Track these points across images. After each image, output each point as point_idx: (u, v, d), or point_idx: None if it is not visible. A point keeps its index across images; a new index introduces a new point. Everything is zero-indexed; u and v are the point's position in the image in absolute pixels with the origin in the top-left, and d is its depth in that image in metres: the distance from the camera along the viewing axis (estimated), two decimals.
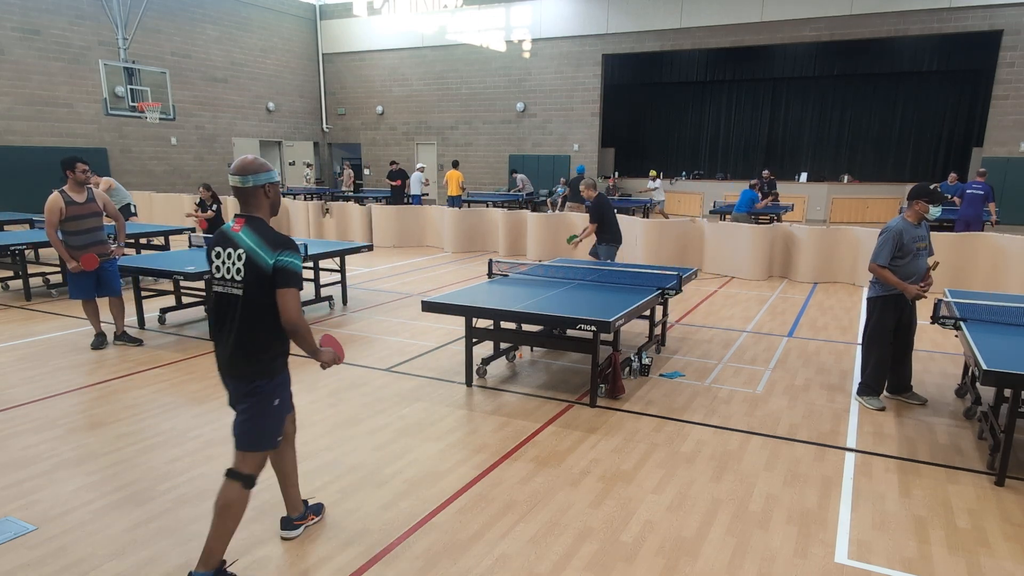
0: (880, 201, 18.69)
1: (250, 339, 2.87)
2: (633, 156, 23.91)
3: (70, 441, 4.49)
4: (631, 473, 4.10)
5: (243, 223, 2.89)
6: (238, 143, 23.24)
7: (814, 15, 18.36)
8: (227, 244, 2.89)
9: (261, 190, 2.92)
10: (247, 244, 2.84)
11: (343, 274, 8.78)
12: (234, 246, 2.86)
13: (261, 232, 2.87)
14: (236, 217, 2.94)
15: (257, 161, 2.93)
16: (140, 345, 6.73)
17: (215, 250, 2.92)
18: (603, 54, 21.28)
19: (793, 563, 3.22)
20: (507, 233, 13.28)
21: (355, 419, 4.90)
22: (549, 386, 5.69)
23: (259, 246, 2.83)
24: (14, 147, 17.29)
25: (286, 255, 2.83)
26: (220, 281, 2.91)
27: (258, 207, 2.93)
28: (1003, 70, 17.08)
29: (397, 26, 24.04)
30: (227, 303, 2.90)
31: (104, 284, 6.57)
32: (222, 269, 2.89)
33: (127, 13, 15.79)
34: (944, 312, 4.94)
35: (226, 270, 2.88)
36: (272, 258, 2.81)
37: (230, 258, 2.87)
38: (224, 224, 10.36)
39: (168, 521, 3.52)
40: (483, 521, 3.55)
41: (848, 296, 9.53)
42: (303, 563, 3.17)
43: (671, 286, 6.09)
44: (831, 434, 4.73)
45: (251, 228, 2.88)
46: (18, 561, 3.17)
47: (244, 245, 2.84)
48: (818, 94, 21.94)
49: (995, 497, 3.87)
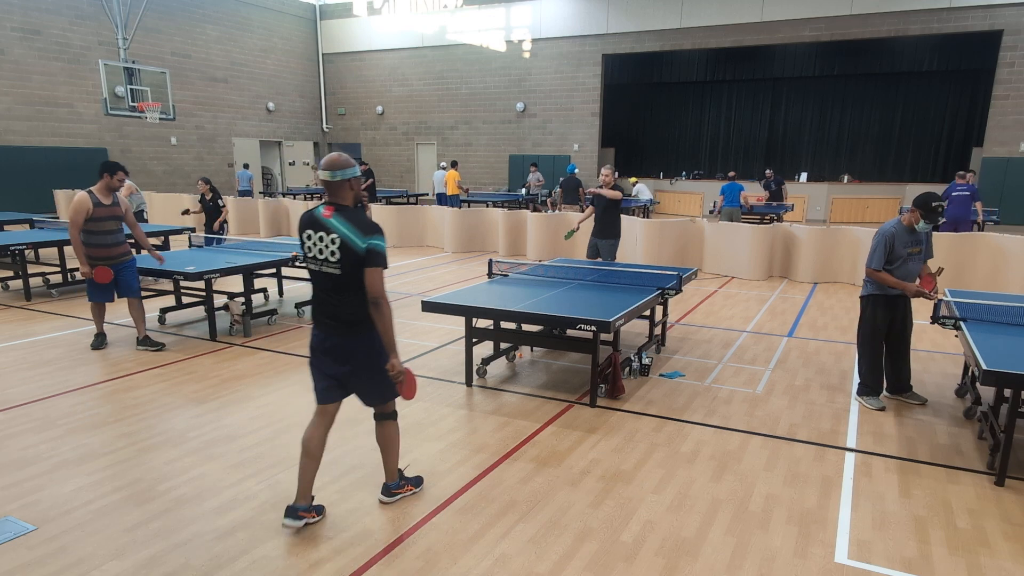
0: (880, 201, 18.69)
1: (351, 310, 3.27)
2: (633, 156, 23.92)
3: (70, 441, 4.49)
4: (631, 473, 4.10)
5: (333, 211, 3.24)
6: (238, 143, 23.24)
7: (814, 15, 18.37)
8: (319, 228, 3.24)
9: (347, 183, 3.26)
10: (341, 230, 3.19)
11: None
12: (327, 231, 3.22)
13: (352, 219, 3.22)
14: (326, 205, 3.27)
15: (343, 158, 3.27)
16: (163, 349, 6.62)
17: (307, 232, 3.29)
18: (603, 54, 21.29)
19: (793, 563, 3.22)
20: (507, 233, 13.28)
21: (355, 419, 4.90)
22: (549, 386, 5.69)
23: (353, 232, 3.19)
24: (14, 147, 17.30)
25: (375, 239, 3.20)
26: (315, 261, 3.29)
27: (344, 197, 3.27)
28: (1003, 70, 17.08)
29: (397, 26, 24.05)
30: (325, 279, 3.29)
31: (123, 285, 6.56)
32: (314, 250, 3.28)
33: (127, 13, 15.79)
34: (944, 312, 4.95)
35: (319, 251, 3.26)
36: (364, 242, 3.18)
37: (322, 241, 3.24)
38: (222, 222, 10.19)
39: (168, 521, 3.52)
40: (483, 521, 3.55)
41: (848, 296, 9.53)
42: (303, 563, 3.17)
43: (671, 286, 6.09)
44: (831, 434, 4.73)
45: (342, 216, 3.23)
46: (18, 561, 3.17)
47: (338, 231, 3.20)
48: (818, 94, 21.95)
49: (995, 497, 3.87)
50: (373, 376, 3.39)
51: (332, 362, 3.37)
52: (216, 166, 22.53)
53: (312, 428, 3.46)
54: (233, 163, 22.83)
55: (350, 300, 3.26)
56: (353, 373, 3.39)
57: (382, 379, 3.38)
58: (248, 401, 5.25)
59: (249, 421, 4.85)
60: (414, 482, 3.83)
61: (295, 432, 4.66)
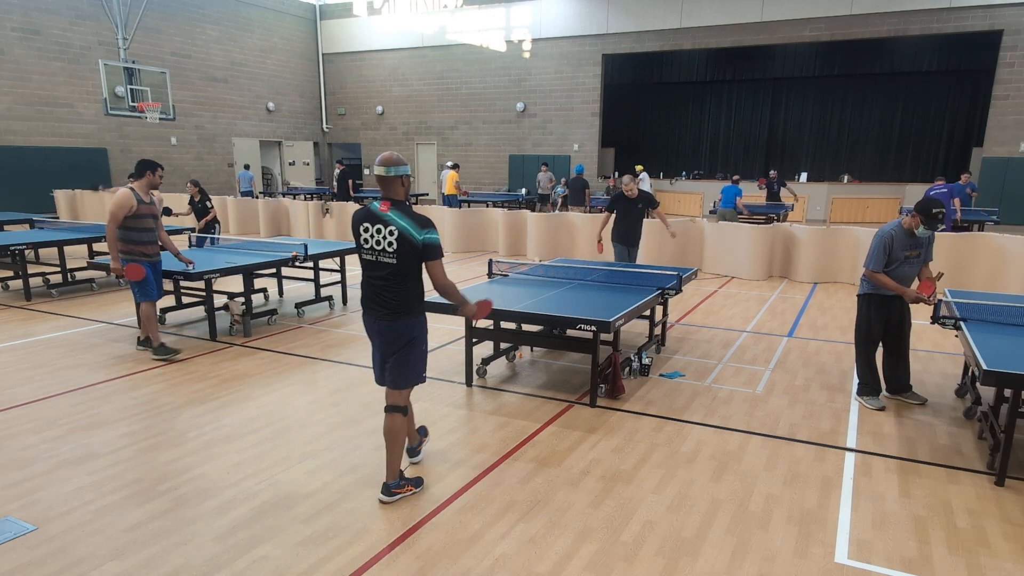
0: (880, 201, 18.69)
1: (402, 297, 3.57)
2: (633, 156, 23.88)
3: (70, 441, 4.49)
4: (631, 473, 4.10)
5: (389, 206, 3.52)
6: (238, 143, 23.24)
7: (814, 15, 18.37)
8: (376, 221, 3.52)
9: (399, 180, 3.55)
10: (400, 224, 3.47)
11: (343, 274, 8.79)
12: (384, 224, 3.49)
13: (408, 214, 3.50)
14: (382, 200, 3.54)
15: (396, 156, 3.55)
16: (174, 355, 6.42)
17: (363, 225, 3.56)
18: (603, 54, 21.28)
19: (793, 563, 3.22)
20: (507, 233, 13.28)
21: (355, 419, 4.90)
22: (549, 386, 5.69)
23: (410, 225, 3.46)
24: (14, 147, 17.29)
25: (431, 233, 3.50)
26: (371, 251, 3.56)
27: (396, 193, 3.55)
28: (1003, 70, 17.08)
29: (397, 26, 24.05)
30: (379, 269, 3.56)
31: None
32: (371, 242, 3.54)
33: (127, 13, 15.79)
34: (944, 312, 4.95)
35: (375, 243, 3.53)
36: (421, 235, 3.47)
37: (380, 233, 3.51)
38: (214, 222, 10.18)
39: (168, 521, 3.52)
40: (483, 521, 3.55)
41: (848, 296, 9.52)
42: (303, 563, 3.17)
43: (671, 286, 6.09)
44: (831, 434, 4.73)
45: (399, 210, 3.51)
46: (18, 561, 3.17)
47: (396, 224, 3.47)
48: (818, 94, 21.95)
49: (995, 497, 3.87)
50: (401, 360, 3.67)
51: (380, 343, 3.69)
52: (216, 166, 22.53)
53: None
54: (233, 163, 22.83)
55: (400, 288, 3.56)
56: (390, 354, 3.67)
57: (409, 366, 3.68)
58: (248, 401, 5.25)
59: (249, 421, 4.85)
60: (414, 482, 3.86)
61: (295, 432, 4.66)
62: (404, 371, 3.68)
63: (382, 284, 3.57)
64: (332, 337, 7.15)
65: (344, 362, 6.27)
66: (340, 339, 7.07)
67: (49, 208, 17.61)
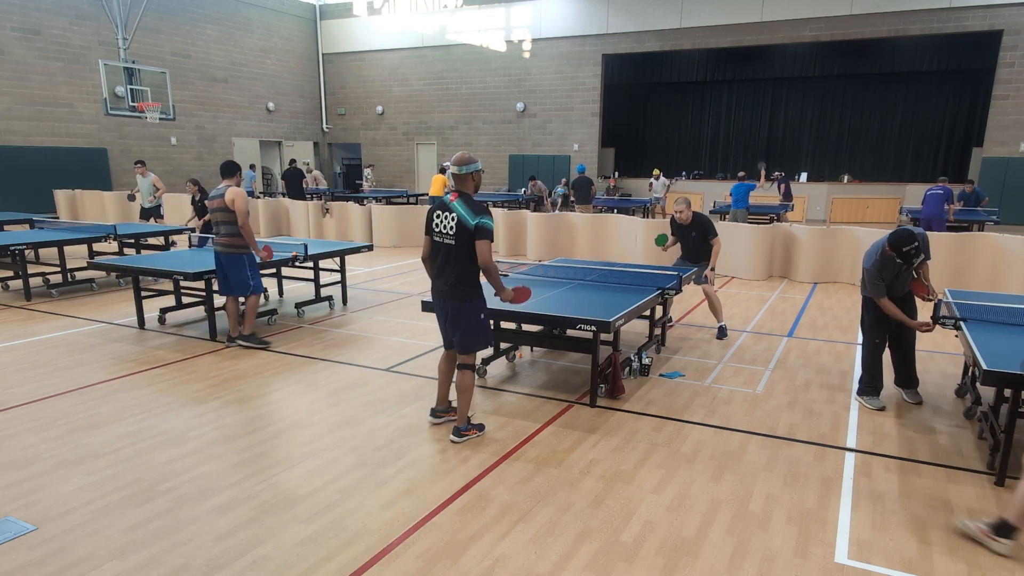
0: (880, 201, 18.69)
1: (460, 272, 4.23)
2: (633, 156, 23.90)
3: (70, 441, 4.49)
4: (631, 473, 4.10)
5: (457, 196, 4.22)
6: (238, 143, 23.25)
7: (814, 15, 18.37)
8: (445, 209, 4.24)
9: (471, 176, 4.27)
10: (459, 211, 4.16)
11: (343, 274, 8.78)
12: (449, 211, 4.21)
13: (469, 203, 4.18)
14: (453, 191, 4.26)
15: (467, 156, 4.28)
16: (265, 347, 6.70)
17: (436, 212, 4.28)
18: (603, 54, 21.28)
19: (793, 563, 3.22)
20: (507, 233, 13.28)
21: (355, 419, 4.90)
22: (549, 386, 5.69)
23: (467, 212, 4.14)
24: (14, 147, 17.29)
25: (484, 218, 4.14)
26: (438, 234, 4.27)
27: (466, 186, 4.27)
28: (1003, 70, 17.08)
29: (397, 26, 24.05)
30: (442, 249, 4.26)
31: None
32: (440, 226, 4.25)
33: (127, 13, 15.78)
34: (944, 312, 4.94)
35: (443, 227, 4.23)
36: (475, 219, 4.13)
37: (445, 219, 4.22)
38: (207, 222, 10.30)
39: (168, 521, 3.52)
40: (483, 521, 3.55)
41: (848, 296, 9.52)
42: (303, 563, 3.17)
43: (671, 286, 6.09)
44: (831, 434, 4.73)
45: (462, 200, 4.19)
46: (18, 561, 3.17)
47: (456, 211, 4.17)
48: (818, 94, 21.93)
49: (995, 497, 3.87)
50: (461, 331, 4.35)
51: (442, 316, 4.42)
52: (216, 166, 22.51)
53: (443, 361, 4.68)
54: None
55: (458, 268, 4.21)
56: (452, 325, 4.36)
57: (469, 335, 4.34)
58: (248, 401, 5.25)
59: (249, 421, 4.85)
60: (479, 427, 4.59)
61: (295, 432, 4.66)
62: (468, 338, 4.35)
63: (445, 264, 4.24)
64: (332, 337, 7.15)
65: (344, 362, 6.27)
66: (340, 339, 7.07)
67: (49, 208, 17.61)
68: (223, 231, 6.54)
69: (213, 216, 6.59)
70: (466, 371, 4.43)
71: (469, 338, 4.37)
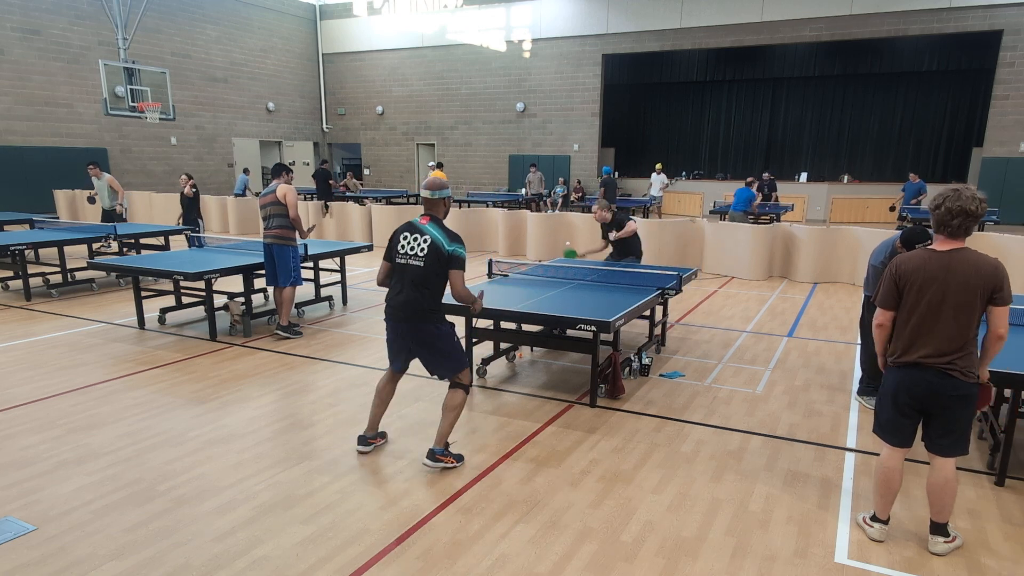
0: (880, 201, 18.68)
1: (431, 296, 4.04)
2: (633, 156, 23.90)
3: (70, 441, 4.49)
4: (631, 473, 4.10)
5: (428, 219, 4.08)
6: (238, 143, 23.24)
7: (814, 15, 18.36)
8: (415, 231, 4.06)
9: (442, 201, 4.17)
10: (433, 234, 4.00)
11: (343, 274, 8.78)
12: (421, 233, 4.03)
13: (442, 228, 4.05)
14: (423, 215, 4.12)
15: (440, 181, 4.16)
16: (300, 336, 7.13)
17: (403, 233, 4.09)
18: (603, 54, 21.28)
19: (793, 563, 3.22)
20: (507, 233, 13.28)
21: (355, 419, 4.90)
22: (549, 386, 5.69)
23: (443, 236, 3.99)
24: (14, 147, 17.29)
25: (459, 247, 4.01)
26: (403, 255, 4.06)
27: (437, 210, 4.14)
28: (1003, 70, 17.07)
29: (397, 26, 24.04)
30: (407, 271, 4.04)
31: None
32: (406, 247, 4.05)
33: (127, 13, 15.78)
34: None
35: (409, 248, 4.04)
36: (450, 246, 3.98)
37: (416, 241, 4.03)
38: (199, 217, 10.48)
39: (168, 521, 3.52)
40: (483, 521, 3.55)
41: (848, 296, 9.52)
42: (303, 563, 3.17)
43: (671, 286, 6.09)
44: (831, 434, 4.73)
45: (435, 224, 4.06)
46: (18, 561, 3.17)
47: (430, 234, 4.01)
48: (818, 94, 21.93)
49: (995, 497, 3.87)
50: (437, 356, 4.15)
51: (403, 339, 4.15)
52: (216, 166, 22.52)
53: (384, 383, 4.36)
54: (233, 163, 22.83)
55: (427, 292, 4.02)
56: (429, 352, 4.14)
57: (454, 357, 4.16)
58: (248, 401, 5.25)
59: (249, 421, 4.85)
60: (458, 458, 4.21)
61: (295, 432, 4.66)
62: (453, 360, 4.16)
63: (411, 286, 4.03)
64: (332, 337, 7.15)
65: (344, 362, 6.27)
66: (340, 339, 7.07)
67: (49, 208, 17.61)
68: (274, 223, 6.89)
69: (264, 211, 6.94)
70: (459, 390, 4.17)
71: (455, 360, 4.16)
